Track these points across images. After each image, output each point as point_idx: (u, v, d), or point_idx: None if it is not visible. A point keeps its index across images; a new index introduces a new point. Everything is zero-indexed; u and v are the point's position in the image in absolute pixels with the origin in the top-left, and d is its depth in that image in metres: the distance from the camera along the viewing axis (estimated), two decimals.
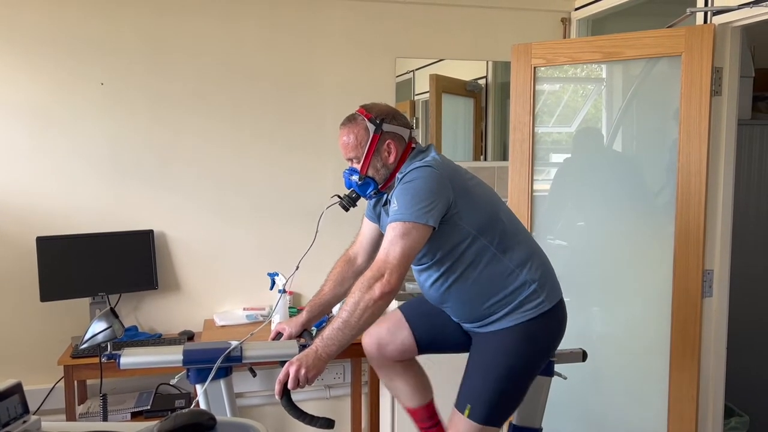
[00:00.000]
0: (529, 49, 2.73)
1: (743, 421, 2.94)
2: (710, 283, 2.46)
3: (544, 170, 2.83)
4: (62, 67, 2.77)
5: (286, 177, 3.07)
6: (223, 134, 2.98)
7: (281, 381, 1.71)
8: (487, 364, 1.85)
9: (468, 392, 1.86)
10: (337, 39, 3.08)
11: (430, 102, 3.26)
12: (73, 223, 2.82)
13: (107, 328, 1.76)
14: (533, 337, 1.84)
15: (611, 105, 2.78)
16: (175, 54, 2.89)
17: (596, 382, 2.69)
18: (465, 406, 1.84)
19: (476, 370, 1.87)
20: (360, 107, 1.91)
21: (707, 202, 2.42)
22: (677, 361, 2.50)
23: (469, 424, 1.83)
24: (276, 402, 2.94)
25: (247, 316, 2.92)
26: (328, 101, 3.08)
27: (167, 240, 2.95)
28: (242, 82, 2.98)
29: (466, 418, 1.83)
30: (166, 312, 2.96)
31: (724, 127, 2.45)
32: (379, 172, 1.88)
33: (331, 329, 1.72)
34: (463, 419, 1.84)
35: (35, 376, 2.72)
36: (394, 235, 1.71)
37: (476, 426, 1.83)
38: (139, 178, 2.89)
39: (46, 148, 2.78)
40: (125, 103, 2.85)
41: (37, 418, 1.22)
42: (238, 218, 3.03)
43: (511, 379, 1.83)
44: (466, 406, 1.84)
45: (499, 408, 1.85)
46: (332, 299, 2.14)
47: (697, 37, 2.37)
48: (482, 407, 1.82)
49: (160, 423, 1.23)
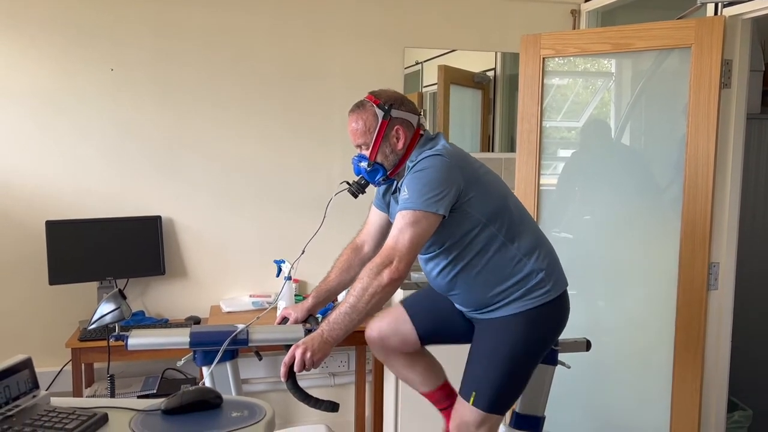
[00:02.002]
0: (539, 40, 2.72)
1: (746, 415, 2.94)
2: (716, 276, 2.46)
3: (551, 165, 2.83)
4: (71, 53, 2.78)
5: (293, 165, 3.08)
6: (231, 122, 2.99)
7: (287, 364, 1.72)
8: (490, 350, 1.86)
9: (472, 379, 1.87)
10: (346, 28, 3.08)
11: (438, 93, 3.26)
12: (82, 207, 2.84)
13: (115, 309, 1.79)
14: (537, 325, 1.85)
15: (620, 99, 2.78)
16: (184, 42, 2.90)
17: (600, 373, 2.70)
18: (470, 394, 1.85)
19: (480, 356, 1.88)
20: (369, 93, 1.91)
21: (714, 194, 2.41)
22: (681, 353, 2.50)
23: (474, 412, 1.84)
24: (281, 388, 2.96)
25: (253, 302, 2.94)
26: (336, 91, 3.08)
27: (175, 226, 2.97)
28: (250, 71, 2.99)
29: (471, 406, 1.84)
30: (173, 297, 2.98)
31: (733, 120, 2.44)
32: (387, 158, 1.89)
33: (338, 314, 1.73)
34: (468, 407, 1.85)
35: (43, 359, 2.75)
36: (404, 222, 1.72)
37: (481, 413, 1.84)
38: (148, 165, 2.91)
39: (55, 133, 2.80)
40: (134, 90, 2.87)
41: (46, 392, 1.24)
42: (245, 206, 3.04)
43: (514, 365, 1.84)
44: (471, 393, 1.85)
45: (503, 395, 1.85)
46: (338, 286, 2.15)
47: (707, 28, 2.36)
48: (486, 394, 1.83)
49: (167, 400, 1.25)
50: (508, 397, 1.88)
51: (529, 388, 1.99)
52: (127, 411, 1.23)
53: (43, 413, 1.16)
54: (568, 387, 2.51)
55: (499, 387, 1.84)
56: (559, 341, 2.02)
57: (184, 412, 1.22)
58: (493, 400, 1.83)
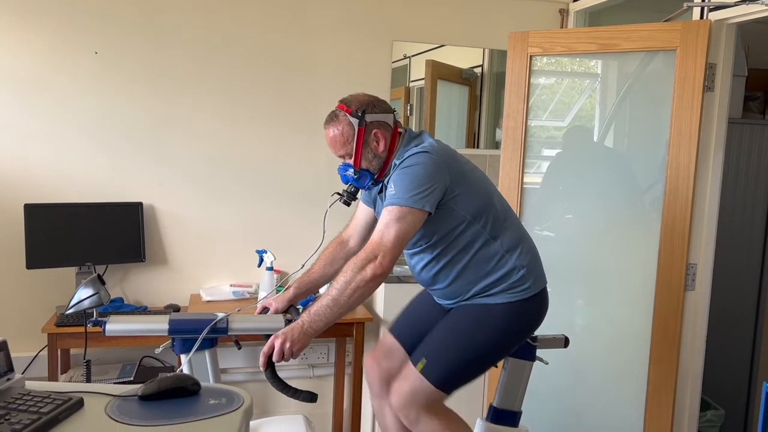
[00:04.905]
0: (526, 38, 2.73)
1: (719, 415, 2.99)
2: (693, 276, 2.50)
3: (535, 163, 2.85)
4: (56, 33, 2.74)
5: (278, 156, 3.07)
6: (218, 110, 2.97)
7: (266, 353, 1.72)
8: (459, 329, 1.86)
9: (429, 347, 1.87)
10: (335, 18, 3.07)
11: (425, 88, 3.25)
12: (63, 192, 2.80)
13: (94, 294, 1.77)
14: (511, 319, 1.86)
15: (605, 101, 2.80)
16: (172, 27, 2.87)
17: (577, 371, 2.72)
18: (420, 359, 1.84)
19: (446, 330, 1.88)
20: (339, 103, 1.88)
21: (695, 197, 2.45)
22: (657, 352, 2.54)
23: (419, 380, 1.83)
24: (260, 379, 2.96)
25: (234, 292, 2.92)
26: (324, 82, 3.07)
27: (156, 213, 2.94)
28: (239, 59, 2.97)
29: (418, 373, 1.83)
30: (153, 285, 2.96)
31: (715, 124, 2.48)
32: (372, 163, 1.88)
33: (320, 306, 1.73)
34: (415, 373, 1.84)
35: (19, 344, 2.71)
36: (390, 218, 1.72)
37: (426, 384, 1.82)
38: (131, 150, 2.88)
39: (37, 114, 2.76)
40: (119, 73, 2.83)
41: (21, 376, 1.23)
42: (228, 195, 3.02)
43: (477, 351, 1.85)
44: (421, 359, 1.84)
45: (455, 375, 1.85)
46: (321, 278, 2.15)
47: (693, 32, 2.39)
48: (438, 366, 1.82)
49: (144, 386, 1.24)
50: (457, 379, 1.86)
51: (507, 383, 2.00)
52: (104, 396, 1.22)
53: (17, 396, 1.15)
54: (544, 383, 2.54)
55: (453, 364, 1.83)
56: (538, 337, 2.03)
57: (161, 399, 1.22)
58: (441, 374, 1.82)
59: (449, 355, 1.84)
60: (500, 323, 1.85)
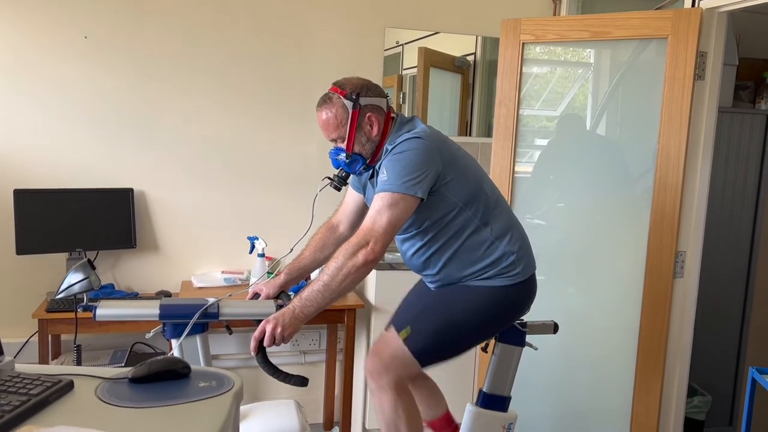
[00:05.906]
0: (519, 25, 2.73)
1: (705, 401, 3.02)
2: (682, 264, 2.52)
3: (527, 153, 2.85)
4: (46, 15, 2.71)
5: (270, 142, 3.06)
6: (209, 96, 2.95)
7: (257, 338, 1.73)
8: (446, 304, 1.88)
9: (414, 317, 1.89)
10: (328, 5, 3.05)
11: (417, 75, 3.25)
12: (52, 177, 2.79)
13: (84, 278, 1.76)
14: (499, 302, 1.88)
15: (597, 90, 2.80)
16: (162, 11, 2.84)
17: (566, 357, 2.75)
18: (404, 327, 1.86)
19: (433, 304, 1.90)
20: (332, 85, 1.88)
21: (684, 185, 2.46)
22: (646, 339, 2.56)
23: (400, 347, 1.84)
24: (252, 364, 2.97)
25: (225, 279, 2.92)
26: (316, 68, 3.06)
27: (147, 199, 2.93)
28: (230, 43, 2.95)
29: (401, 340, 1.84)
30: (144, 271, 2.95)
31: (705, 112, 2.48)
32: (364, 147, 1.88)
33: (311, 291, 1.74)
34: (397, 339, 1.85)
35: (9, 329, 2.72)
36: (382, 204, 1.73)
37: (405, 352, 1.83)
38: (121, 135, 2.86)
39: (26, 99, 2.74)
40: (110, 57, 2.81)
41: (10, 359, 1.23)
42: (220, 181, 3.02)
43: (461, 329, 1.86)
44: (406, 327, 1.85)
45: (436, 349, 1.86)
46: (312, 264, 2.16)
47: (684, 20, 2.39)
48: (422, 337, 1.84)
49: (135, 368, 1.24)
50: (437, 353, 1.88)
51: (496, 368, 2.02)
52: (94, 379, 1.22)
53: (7, 378, 1.15)
54: (533, 369, 2.56)
55: (436, 339, 1.85)
56: (527, 323, 2.05)
57: (152, 381, 1.22)
58: (424, 347, 1.84)
59: (434, 328, 1.85)
60: (487, 306, 1.87)
